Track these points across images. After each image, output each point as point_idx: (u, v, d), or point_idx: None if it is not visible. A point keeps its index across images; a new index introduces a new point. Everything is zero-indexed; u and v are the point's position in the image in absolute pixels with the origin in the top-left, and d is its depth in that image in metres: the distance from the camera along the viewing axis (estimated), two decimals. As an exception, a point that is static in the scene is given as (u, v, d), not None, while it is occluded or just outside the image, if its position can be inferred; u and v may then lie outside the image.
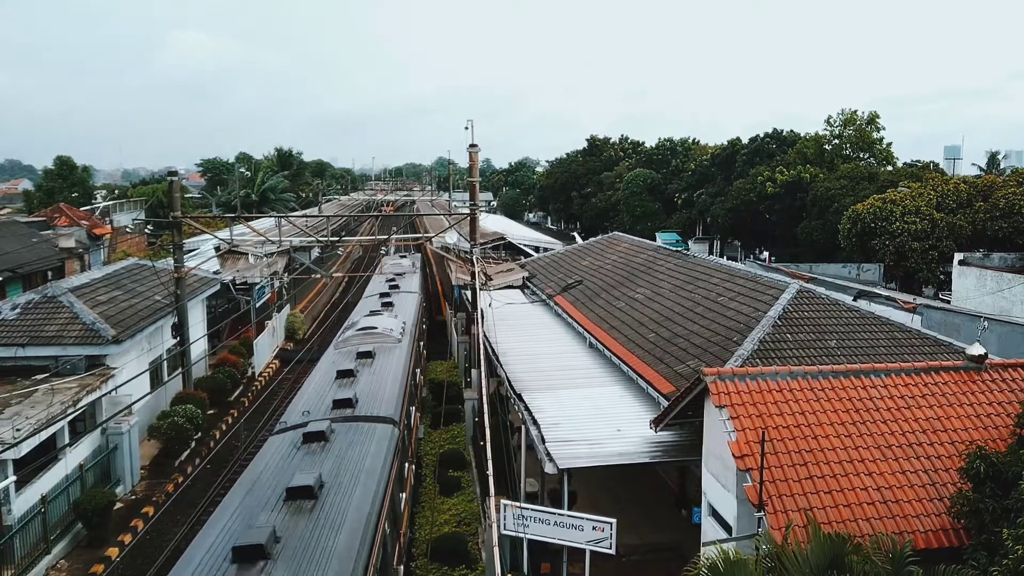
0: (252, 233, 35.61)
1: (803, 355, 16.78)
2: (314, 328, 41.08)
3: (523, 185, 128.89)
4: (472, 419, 23.41)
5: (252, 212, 56.26)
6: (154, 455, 23.69)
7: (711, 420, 12.94)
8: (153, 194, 67.10)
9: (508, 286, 33.18)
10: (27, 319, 22.41)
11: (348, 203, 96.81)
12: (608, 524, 13.85)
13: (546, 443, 15.75)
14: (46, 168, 74.90)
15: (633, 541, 17.19)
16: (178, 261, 27.12)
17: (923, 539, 10.49)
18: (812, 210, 52.92)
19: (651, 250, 31.77)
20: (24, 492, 17.44)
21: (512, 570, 14.89)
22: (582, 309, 26.16)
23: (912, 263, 40.81)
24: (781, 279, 21.74)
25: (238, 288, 35.31)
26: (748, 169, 61.33)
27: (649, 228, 68.75)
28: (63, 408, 18.54)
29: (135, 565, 17.61)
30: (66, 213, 51.91)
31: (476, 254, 26.32)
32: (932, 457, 11.73)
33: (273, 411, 25.62)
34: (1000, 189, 41.37)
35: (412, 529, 17.30)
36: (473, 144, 25.70)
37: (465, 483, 19.69)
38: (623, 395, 18.96)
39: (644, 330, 21.74)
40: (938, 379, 13.20)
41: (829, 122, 60.71)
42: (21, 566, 16.37)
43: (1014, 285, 32.80)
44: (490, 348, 23.28)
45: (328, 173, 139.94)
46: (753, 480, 11.03)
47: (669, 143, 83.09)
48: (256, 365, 33.11)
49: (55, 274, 39.34)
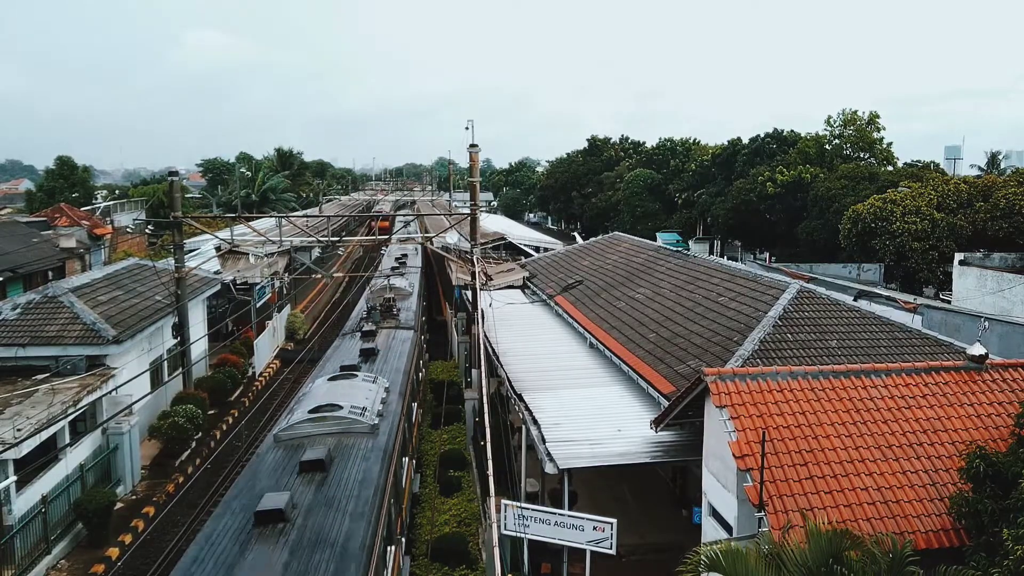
0: (252, 233, 35.61)
1: (803, 355, 16.78)
2: (314, 328, 41.12)
3: (523, 185, 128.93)
4: (472, 419, 23.41)
5: (252, 212, 56.26)
6: (155, 455, 23.69)
7: (711, 420, 12.94)
8: (154, 194, 67.12)
9: (508, 286, 33.19)
10: (28, 319, 22.42)
11: (348, 203, 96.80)
12: (608, 524, 13.87)
13: (546, 443, 15.76)
14: (47, 168, 74.96)
15: (633, 541, 17.19)
16: (179, 261, 27.14)
17: (923, 539, 10.49)
18: (812, 210, 52.92)
19: (651, 250, 31.78)
20: (25, 492, 17.44)
21: (512, 570, 14.90)
22: (582, 309, 26.17)
23: (912, 263, 40.81)
24: (781, 279, 21.74)
25: (239, 288, 35.34)
26: (748, 169, 61.32)
27: (649, 228, 68.71)
28: (63, 408, 18.55)
29: (136, 566, 17.62)
30: (67, 213, 51.91)
31: (476, 254, 26.31)
32: (932, 457, 11.74)
33: (274, 411, 25.62)
34: (1000, 189, 41.38)
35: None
36: (473, 144, 25.70)
37: (465, 483, 19.69)
38: (623, 395, 18.96)
39: (644, 330, 21.74)
40: (939, 379, 13.21)
41: (829, 122, 60.77)
42: (21, 566, 16.38)
43: (1014, 285, 32.80)
44: (490, 348, 23.28)
45: (328, 173, 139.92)
46: (753, 480, 11.03)
47: (669, 143, 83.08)
48: (256, 365, 33.14)
49: (56, 274, 39.34)
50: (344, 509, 9.92)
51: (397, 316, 22.96)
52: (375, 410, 13.49)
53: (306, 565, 8.56)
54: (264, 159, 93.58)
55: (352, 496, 10.30)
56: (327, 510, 9.85)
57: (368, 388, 14.66)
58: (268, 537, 9.09)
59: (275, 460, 11.65)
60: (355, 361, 17.45)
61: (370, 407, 13.50)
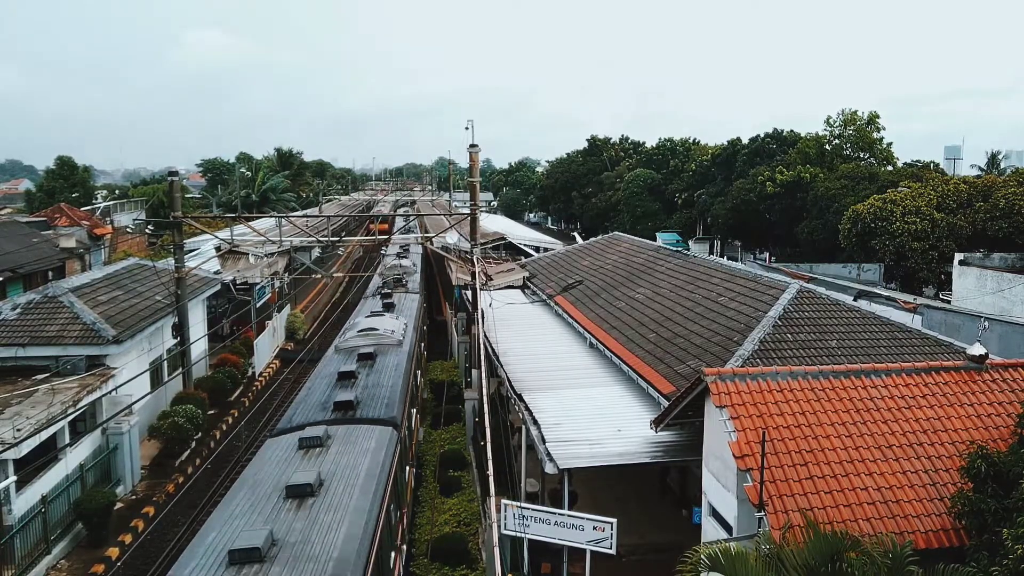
0: (252, 233, 35.60)
1: (803, 355, 16.78)
2: (314, 328, 41.11)
3: (523, 185, 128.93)
4: (472, 419, 23.41)
5: (252, 212, 56.21)
6: (154, 455, 23.69)
7: (711, 420, 12.94)
8: (154, 194, 67.15)
9: (508, 286, 33.18)
10: (27, 319, 22.41)
11: (348, 203, 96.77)
12: (608, 524, 13.85)
13: (547, 443, 15.75)
14: (47, 168, 74.90)
15: (633, 541, 17.18)
16: (179, 261, 27.14)
17: (924, 539, 10.49)
18: (812, 210, 52.93)
19: (651, 250, 31.78)
20: (24, 492, 17.43)
21: (512, 570, 14.89)
22: (582, 309, 26.16)
23: (912, 263, 40.82)
24: (781, 279, 21.73)
25: (239, 288, 35.34)
26: (748, 169, 61.33)
27: (649, 228, 68.72)
28: (63, 408, 18.54)
29: (136, 565, 17.61)
30: (67, 213, 51.91)
31: (476, 254, 26.30)
32: (933, 457, 11.73)
33: (274, 411, 25.62)
34: (1000, 189, 41.41)
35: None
36: (473, 144, 25.69)
37: (465, 483, 19.69)
38: (623, 395, 18.95)
39: (644, 330, 21.74)
40: (939, 379, 13.20)
41: (829, 122, 60.76)
42: (21, 566, 16.38)
43: (1014, 285, 32.81)
44: (490, 348, 23.27)
45: (328, 173, 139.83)
46: (753, 480, 11.03)
47: (669, 143, 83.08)
48: (256, 365, 33.13)
49: (56, 274, 39.34)
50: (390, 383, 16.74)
51: (405, 285, 30.67)
52: (400, 332, 21.15)
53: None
54: (264, 159, 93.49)
55: (390, 376, 17.45)
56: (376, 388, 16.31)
57: (393, 321, 22.50)
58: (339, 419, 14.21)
59: (339, 358, 19.08)
60: (380, 310, 24.53)
61: (396, 331, 21.19)
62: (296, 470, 11.20)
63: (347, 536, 9.35)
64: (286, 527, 9.40)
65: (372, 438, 12.97)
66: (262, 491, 10.62)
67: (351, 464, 11.67)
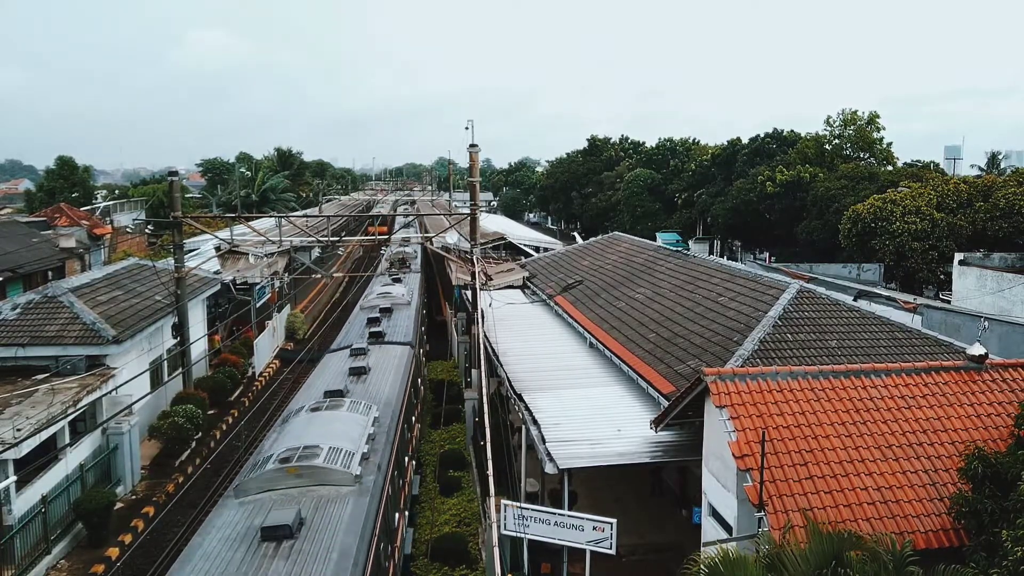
0: (252, 233, 35.61)
1: (803, 355, 16.78)
2: (314, 328, 41.10)
3: (523, 185, 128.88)
4: (472, 419, 23.41)
5: (252, 212, 56.23)
6: (154, 455, 23.70)
7: (711, 420, 12.94)
8: (153, 194, 67.10)
9: (508, 286, 33.18)
10: (27, 319, 22.42)
11: (348, 203, 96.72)
12: (608, 524, 13.85)
13: (546, 443, 15.76)
14: (47, 168, 74.89)
15: (633, 541, 17.19)
16: (178, 261, 27.14)
17: (923, 539, 10.50)
18: (812, 210, 52.89)
19: (651, 250, 31.77)
20: (24, 492, 17.44)
21: (512, 570, 14.90)
22: (582, 309, 26.16)
23: (912, 263, 40.81)
24: (781, 279, 21.74)
25: (238, 288, 35.32)
26: (748, 169, 61.30)
27: (649, 228, 68.69)
28: (63, 408, 18.55)
29: (136, 565, 17.61)
30: (66, 213, 51.89)
31: (476, 254, 26.31)
32: (932, 457, 11.74)
33: (274, 411, 25.59)
34: (1000, 189, 41.40)
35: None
36: (473, 144, 25.71)
37: (465, 483, 19.71)
38: (623, 395, 18.95)
39: (644, 330, 21.74)
40: (938, 379, 13.21)
41: (828, 122, 60.73)
42: (21, 566, 16.38)
43: (1014, 285, 32.79)
44: (490, 348, 23.28)
45: (328, 173, 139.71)
46: (753, 480, 11.03)
47: (669, 143, 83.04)
48: (256, 365, 33.14)
49: (55, 274, 39.31)
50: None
51: (408, 266, 37.75)
52: (408, 296, 27.85)
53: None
54: (264, 159, 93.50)
55: (404, 320, 24.24)
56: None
57: (402, 288, 29.38)
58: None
59: (364, 313, 24.83)
60: (390, 282, 30.98)
61: (404, 295, 27.86)
62: (354, 363, 17.94)
63: (390, 388, 16.61)
64: (353, 386, 16.28)
65: (396, 353, 19.69)
66: (336, 370, 17.88)
67: (385, 365, 18.39)
